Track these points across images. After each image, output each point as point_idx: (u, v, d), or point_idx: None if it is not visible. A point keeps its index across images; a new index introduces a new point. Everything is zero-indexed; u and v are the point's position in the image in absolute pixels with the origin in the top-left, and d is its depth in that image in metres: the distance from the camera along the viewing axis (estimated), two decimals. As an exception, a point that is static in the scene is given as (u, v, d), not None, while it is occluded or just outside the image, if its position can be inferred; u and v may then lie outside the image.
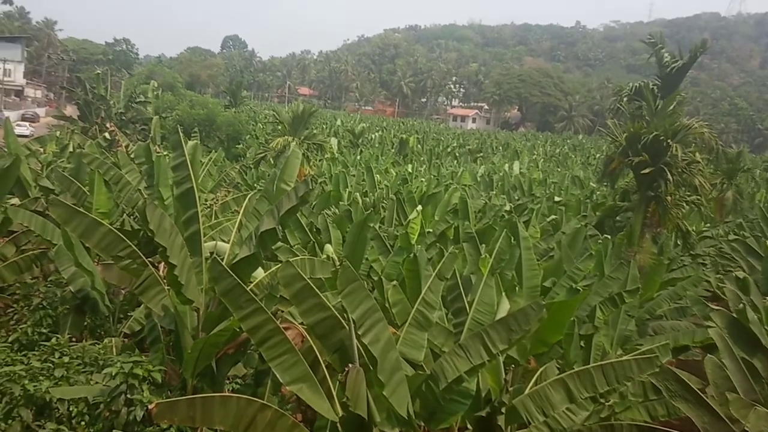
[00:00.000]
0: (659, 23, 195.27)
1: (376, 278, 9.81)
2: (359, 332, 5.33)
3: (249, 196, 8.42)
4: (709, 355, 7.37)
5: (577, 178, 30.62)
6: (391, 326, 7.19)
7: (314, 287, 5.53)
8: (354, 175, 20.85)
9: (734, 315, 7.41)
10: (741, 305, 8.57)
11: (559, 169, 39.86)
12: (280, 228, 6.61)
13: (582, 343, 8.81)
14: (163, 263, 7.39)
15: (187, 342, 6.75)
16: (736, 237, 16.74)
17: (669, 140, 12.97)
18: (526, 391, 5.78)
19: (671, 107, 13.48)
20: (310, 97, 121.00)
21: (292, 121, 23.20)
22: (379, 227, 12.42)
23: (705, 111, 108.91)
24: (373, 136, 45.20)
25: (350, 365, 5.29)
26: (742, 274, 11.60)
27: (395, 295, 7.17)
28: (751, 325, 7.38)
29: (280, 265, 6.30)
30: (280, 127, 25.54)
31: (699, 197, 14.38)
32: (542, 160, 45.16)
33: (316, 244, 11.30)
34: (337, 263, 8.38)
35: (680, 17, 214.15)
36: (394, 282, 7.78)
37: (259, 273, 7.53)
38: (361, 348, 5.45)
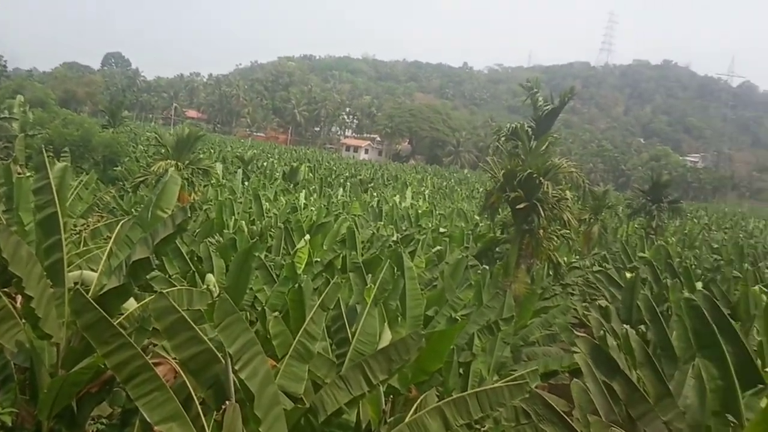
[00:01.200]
0: (537, 69, 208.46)
1: (260, 309, 9.70)
2: (236, 367, 5.19)
3: (122, 222, 8.04)
4: (575, 379, 7.83)
5: (461, 210, 31.74)
6: (272, 359, 7.15)
7: (189, 320, 5.33)
8: (241, 203, 20.53)
9: (596, 341, 7.92)
10: (602, 332, 9.24)
11: (445, 202, 41.09)
12: (155, 257, 6.36)
13: (461, 371, 9.12)
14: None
15: (44, 380, 6.20)
16: (600, 268, 18.01)
17: (541, 178, 13.83)
18: (405, 421, 5.89)
19: (544, 147, 14.41)
20: (199, 121, 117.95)
21: (176, 145, 22.42)
22: (266, 256, 12.28)
23: (576, 151, 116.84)
24: (263, 163, 44.68)
25: (226, 402, 5.16)
26: (604, 303, 12.51)
27: (276, 327, 7.12)
28: (610, 351, 7.93)
29: (153, 296, 6.04)
30: (163, 151, 24.61)
31: (568, 231, 15.40)
32: (430, 192, 46.40)
33: (196, 274, 10.98)
34: (218, 294, 8.22)
35: (556, 64, 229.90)
36: (276, 313, 7.73)
37: (131, 304, 7.17)
38: (238, 383, 5.33)
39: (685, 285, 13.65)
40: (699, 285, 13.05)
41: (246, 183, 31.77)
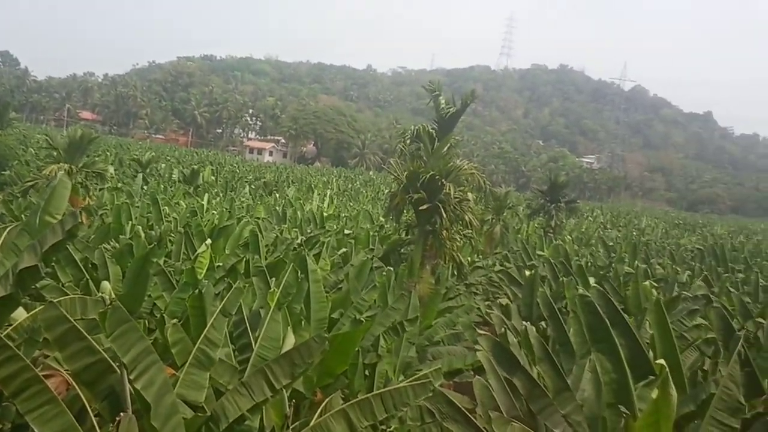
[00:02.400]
0: (440, 72, 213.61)
1: (159, 316, 9.33)
2: (131, 376, 4.98)
3: (8, 229, 7.55)
4: (477, 376, 7.99)
5: (368, 212, 31.88)
6: (173, 368, 6.88)
7: (81, 329, 5.10)
8: (138, 207, 19.71)
9: (498, 339, 8.12)
10: (503, 330, 9.50)
11: (351, 204, 41.16)
12: (45, 264, 6.01)
13: (366, 372, 9.11)
14: None
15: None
16: (502, 267, 18.57)
17: (443, 179, 14.08)
18: (310, 425, 5.81)
19: (446, 149, 14.68)
20: (93, 122, 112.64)
21: (68, 147, 21.28)
22: (165, 262, 11.83)
23: (478, 153, 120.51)
24: (162, 165, 43.14)
25: (122, 413, 4.95)
26: (505, 301, 12.89)
27: (175, 334, 6.84)
28: (511, 348, 8.14)
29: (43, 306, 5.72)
30: (55, 154, 23.32)
31: (471, 231, 15.77)
32: (336, 194, 46.36)
33: (91, 282, 10.41)
34: (111, 302, 7.82)
35: (458, 68, 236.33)
36: (175, 320, 7.44)
37: (21, 315, 6.79)
38: (134, 393, 5.12)
39: (581, 282, 14.26)
40: (593, 281, 13.66)
41: (145, 187, 30.57)
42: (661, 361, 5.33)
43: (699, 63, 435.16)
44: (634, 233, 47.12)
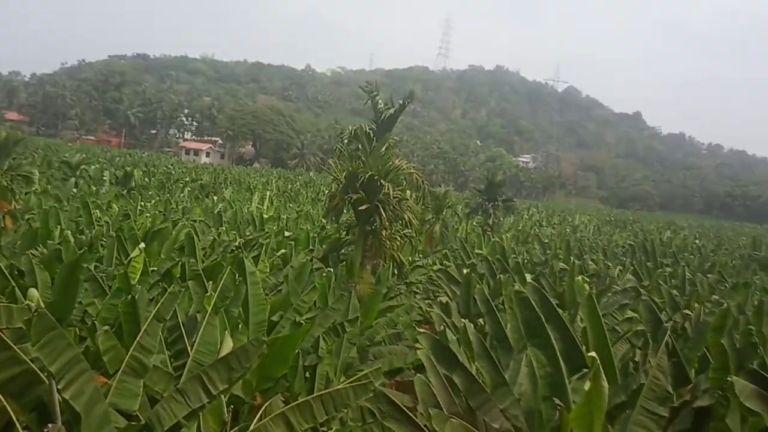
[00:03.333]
0: (379, 72, 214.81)
1: (90, 324, 9.02)
2: (60, 386, 4.81)
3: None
4: (418, 375, 8.05)
5: (308, 213, 31.69)
6: (104, 376, 6.67)
7: (6, 339, 4.88)
8: (68, 211, 18.99)
9: (437, 337, 8.20)
10: (442, 327, 9.60)
11: (291, 205, 40.81)
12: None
13: (307, 374, 9.05)
14: None
15: None
16: (441, 266, 18.77)
17: (382, 179, 14.12)
18: (249, 430, 5.73)
19: (384, 149, 14.73)
20: (20, 123, 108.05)
21: (-8, 150, 20.41)
22: (96, 267, 11.44)
23: (418, 153, 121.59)
24: (93, 167, 41.71)
25: (50, 425, 4.76)
26: (445, 300, 13.02)
27: (107, 342, 6.63)
28: (450, 345, 8.24)
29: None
30: (-23, 157, 22.24)
31: (410, 231, 15.88)
32: (275, 195, 45.88)
33: (17, 289, 9.96)
34: (35, 310, 7.52)
35: (397, 68, 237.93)
36: (107, 327, 7.20)
37: (-61, 326, 6.45)
38: (63, 404, 4.93)
39: (518, 278, 14.54)
40: (530, 278, 13.95)
41: (75, 190, 29.49)
42: (593, 354, 5.49)
43: (628, 65, 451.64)
44: (568, 230, 48.44)
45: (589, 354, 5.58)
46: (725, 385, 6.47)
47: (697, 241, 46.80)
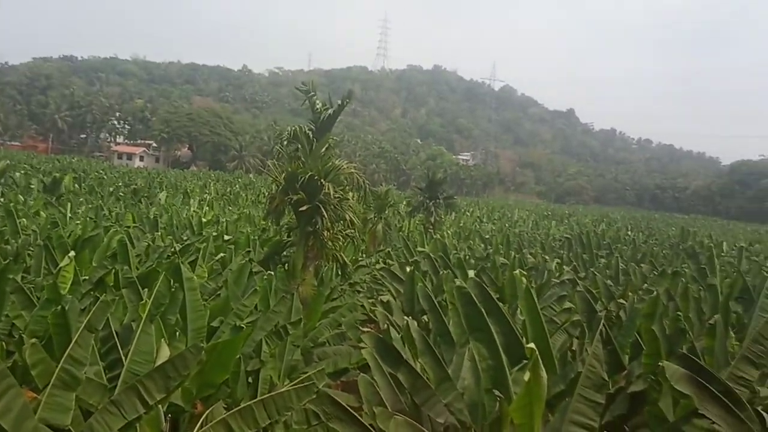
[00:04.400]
0: (318, 72, 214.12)
1: (17, 337, 8.62)
2: (-16, 404, 4.57)
3: None
4: (361, 374, 8.02)
5: (249, 215, 31.23)
6: (34, 392, 6.40)
7: None
8: (-10, 221, 18.09)
9: (380, 335, 8.18)
10: (386, 326, 9.60)
11: (231, 208, 40.14)
12: None
13: (250, 379, 8.90)
14: None
15: None
16: (384, 265, 18.81)
17: (322, 180, 14.01)
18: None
19: (324, 149, 14.62)
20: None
21: None
22: (23, 278, 10.94)
23: (360, 153, 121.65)
24: (18, 174, 39.95)
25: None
26: (388, 298, 13.03)
27: (35, 355, 6.33)
28: (394, 343, 8.24)
29: None
30: None
31: (353, 231, 15.81)
32: (214, 198, 45.04)
33: (-63, 305, 9.45)
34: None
35: (336, 68, 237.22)
36: (34, 340, 6.88)
37: None
38: (-12, 422, 4.69)
39: (460, 274, 14.67)
40: (472, 273, 14.10)
41: (1, 198, 28.16)
42: (531, 345, 5.56)
43: (560, 64, 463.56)
44: (507, 225, 49.35)
45: (528, 345, 5.66)
46: (657, 370, 6.66)
47: (629, 233, 48.44)
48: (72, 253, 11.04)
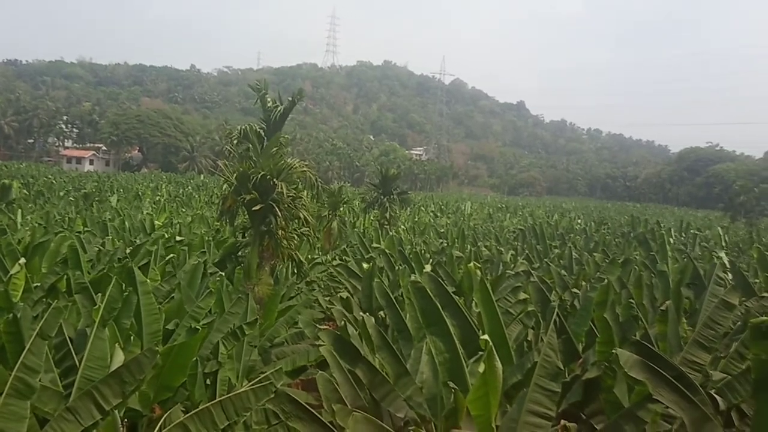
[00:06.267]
0: (267, 71, 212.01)
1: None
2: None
3: None
4: (320, 371, 8.06)
5: (203, 217, 30.83)
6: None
7: None
8: (-66, 231, 17.46)
9: (338, 332, 8.24)
10: (343, 322, 9.66)
11: (184, 210, 39.55)
12: None
13: (208, 381, 8.85)
14: None
15: None
16: (341, 262, 18.83)
17: (275, 179, 13.96)
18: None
19: (275, 148, 14.55)
20: None
21: None
22: (-30, 288, 10.63)
23: (313, 151, 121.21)
24: (-39, 182, 38.55)
25: None
26: (345, 295, 13.07)
27: (-16, 365, 6.21)
28: (352, 340, 8.31)
29: None
30: None
31: (308, 229, 15.79)
32: (167, 200, 44.29)
33: None
34: None
35: (285, 66, 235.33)
36: (-17, 351, 6.74)
37: None
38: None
39: (417, 269, 14.81)
40: (428, 267, 14.25)
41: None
42: (485, 337, 5.69)
43: (509, 56, 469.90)
44: (462, 219, 49.85)
45: (482, 337, 5.79)
46: (611, 357, 6.84)
47: (580, 222, 49.45)
48: (22, 260, 10.79)
